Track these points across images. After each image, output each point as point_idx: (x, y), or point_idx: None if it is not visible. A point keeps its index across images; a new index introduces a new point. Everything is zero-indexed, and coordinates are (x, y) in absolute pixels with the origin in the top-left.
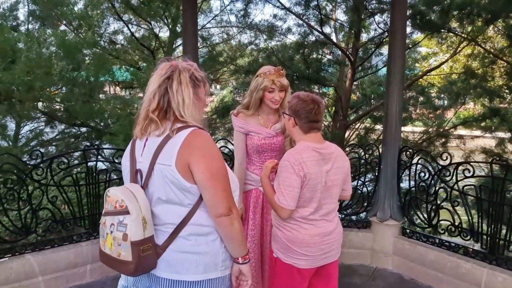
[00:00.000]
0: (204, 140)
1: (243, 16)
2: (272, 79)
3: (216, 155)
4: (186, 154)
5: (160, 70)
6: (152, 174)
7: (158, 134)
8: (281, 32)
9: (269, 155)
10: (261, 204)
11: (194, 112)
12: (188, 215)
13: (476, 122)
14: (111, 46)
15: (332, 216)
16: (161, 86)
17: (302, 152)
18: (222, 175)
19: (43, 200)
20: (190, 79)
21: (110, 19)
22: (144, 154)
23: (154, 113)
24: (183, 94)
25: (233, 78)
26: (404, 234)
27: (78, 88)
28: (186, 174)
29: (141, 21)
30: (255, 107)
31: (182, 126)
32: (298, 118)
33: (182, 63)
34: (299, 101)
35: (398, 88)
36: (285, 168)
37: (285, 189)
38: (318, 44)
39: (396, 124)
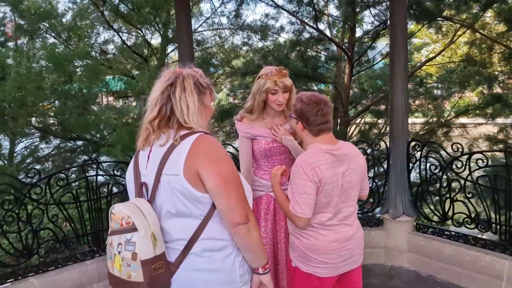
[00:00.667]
0: (211, 144)
1: (235, 17)
2: (275, 80)
3: (226, 159)
4: (194, 161)
5: (163, 77)
6: (158, 186)
7: (162, 143)
8: (274, 31)
9: (278, 158)
10: (273, 211)
11: (199, 119)
12: (199, 228)
13: (478, 109)
14: (103, 56)
15: (351, 220)
16: (164, 93)
17: (314, 156)
18: (234, 180)
19: (43, 219)
20: (195, 86)
21: (100, 29)
22: (148, 166)
23: (154, 122)
24: (187, 101)
25: (229, 80)
26: (418, 230)
27: (72, 100)
28: (196, 183)
29: (131, 28)
30: (259, 110)
31: (186, 133)
32: (305, 122)
33: (187, 69)
34: (303, 104)
35: (403, 80)
36: (298, 175)
37: (300, 197)
38: (313, 41)
39: (403, 116)
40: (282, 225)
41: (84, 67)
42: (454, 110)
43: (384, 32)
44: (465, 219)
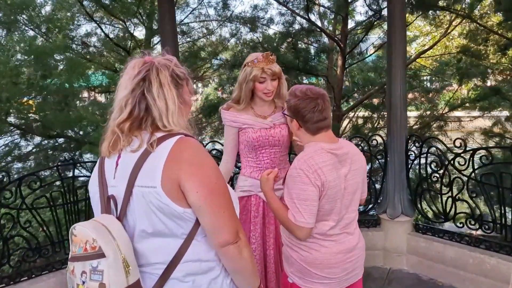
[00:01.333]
0: (194, 149)
1: (223, 8)
2: (262, 67)
3: (211, 166)
4: (174, 170)
5: (131, 69)
6: (130, 200)
7: (133, 149)
8: (264, 23)
9: (268, 151)
10: (262, 213)
11: (180, 119)
12: (181, 249)
13: (474, 102)
14: (85, 49)
15: (353, 228)
16: (135, 90)
17: (315, 156)
18: (222, 192)
19: (15, 225)
20: (172, 78)
21: (82, 21)
22: (117, 175)
23: (125, 125)
24: (166, 99)
25: (217, 74)
26: (417, 230)
27: (52, 96)
28: (176, 196)
29: (113, 19)
30: (246, 100)
31: (163, 136)
32: (301, 120)
33: (159, 58)
34: (297, 100)
35: (401, 71)
36: (299, 178)
37: (301, 204)
38: (304, 33)
39: (401, 110)
40: (272, 229)
41: (64, 60)
42: (450, 103)
43: (378, 23)
44: (468, 219)
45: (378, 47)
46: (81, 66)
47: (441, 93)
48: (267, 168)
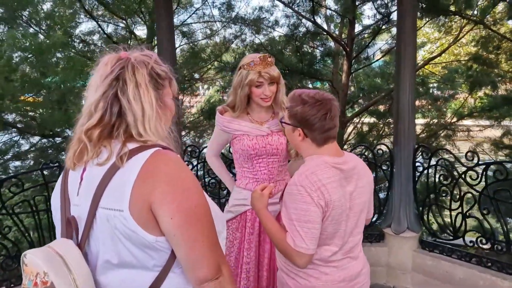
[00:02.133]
0: (172, 166)
1: (227, 9)
2: (259, 70)
3: (191, 186)
4: (145, 191)
5: (104, 66)
6: (94, 223)
7: (100, 162)
8: (268, 25)
9: (265, 161)
10: (258, 230)
11: (158, 127)
12: (155, 284)
13: (484, 111)
14: (86, 48)
15: (357, 252)
16: (107, 91)
17: (318, 172)
18: (202, 217)
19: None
20: (150, 78)
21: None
22: (81, 192)
23: (93, 132)
24: (142, 102)
25: (220, 76)
26: (424, 247)
27: (50, 94)
28: (147, 222)
29: (113, 17)
30: (241, 107)
31: (136, 148)
32: (309, 129)
33: (136, 53)
34: (304, 106)
35: (410, 78)
36: (299, 197)
37: (302, 226)
38: (309, 36)
39: (410, 119)
40: (267, 249)
41: (64, 58)
42: (458, 112)
43: (386, 27)
44: (479, 237)
45: (385, 52)
46: (80, 64)
47: (449, 101)
48: (264, 180)
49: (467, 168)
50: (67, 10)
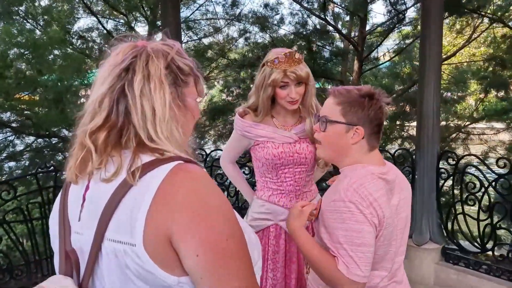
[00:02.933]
0: (196, 186)
1: (231, 6)
2: (284, 69)
3: (222, 213)
4: (163, 219)
5: (115, 56)
6: (99, 258)
7: (107, 177)
8: (274, 22)
9: (291, 171)
10: (283, 249)
11: (174, 131)
12: None
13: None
14: (84, 45)
15: (401, 275)
16: (114, 85)
17: (366, 184)
18: (237, 252)
19: None
20: (169, 71)
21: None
22: (83, 216)
23: (99, 136)
24: (153, 99)
25: (223, 75)
26: (448, 260)
27: (47, 93)
28: (167, 259)
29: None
30: (265, 110)
31: (152, 162)
32: (369, 127)
33: (155, 43)
34: (366, 97)
35: (435, 79)
36: (350, 215)
37: (355, 250)
38: (318, 34)
39: (434, 124)
40: (294, 269)
41: (61, 55)
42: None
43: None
44: (511, 252)
45: (398, 52)
46: (78, 62)
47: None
48: (289, 191)
49: (498, 176)
50: (65, 5)
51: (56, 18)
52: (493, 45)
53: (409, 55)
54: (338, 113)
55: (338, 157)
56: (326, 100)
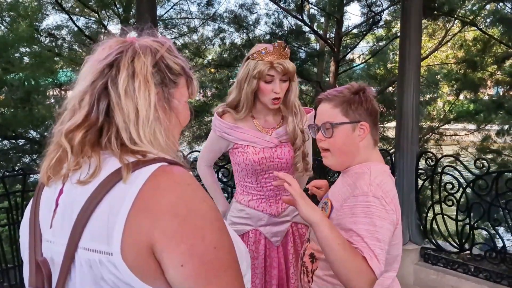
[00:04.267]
0: (181, 190)
1: (207, 5)
2: (271, 61)
3: (209, 220)
4: (144, 227)
5: (101, 51)
6: (71, 270)
7: (83, 179)
8: (250, 23)
9: (272, 176)
10: (263, 254)
11: (158, 135)
12: None
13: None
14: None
15: None
16: (96, 81)
17: (386, 180)
18: (225, 263)
19: None
20: (157, 70)
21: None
22: (55, 223)
23: (76, 135)
24: (137, 99)
25: (198, 75)
26: (427, 260)
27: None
28: (147, 271)
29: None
30: (247, 106)
31: (136, 162)
32: (371, 120)
33: (145, 39)
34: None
35: (415, 79)
36: (375, 209)
37: (375, 246)
38: (294, 34)
39: (413, 124)
40: (274, 275)
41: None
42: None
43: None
44: (488, 251)
45: (373, 53)
46: (48, 61)
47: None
48: (270, 197)
49: (476, 176)
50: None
51: (23, 15)
52: (464, 48)
53: (383, 56)
54: (339, 115)
55: (349, 160)
56: (320, 107)
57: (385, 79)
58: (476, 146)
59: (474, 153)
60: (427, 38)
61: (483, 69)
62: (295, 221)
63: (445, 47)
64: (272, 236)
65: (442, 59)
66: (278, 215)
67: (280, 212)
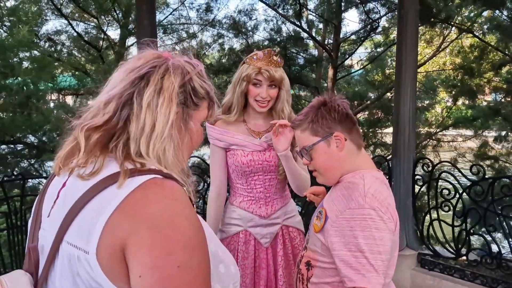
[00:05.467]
0: (165, 205)
1: (206, 11)
2: (259, 66)
3: (183, 238)
4: (121, 232)
5: (136, 60)
6: (55, 260)
7: (84, 174)
8: (249, 29)
9: (262, 178)
10: (253, 254)
11: (168, 151)
12: None
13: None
14: (53, 47)
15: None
16: (126, 89)
17: (380, 189)
18: (188, 282)
19: None
20: (182, 90)
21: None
22: (52, 213)
23: (94, 134)
24: (157, 114)
25: None
26: (423, 266)
27: (12, 97)
28: (117, 273)
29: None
30: (238, 108)
31: (132, 170)
32: (343, 128)
33: (179, 58)
34: (322, 107)
35: (411, 86)
36: (372, 222)
37: (376, 258)
38: (292, 41)
39: (410, 130)
40: (263, 275)
41: (30, 58)
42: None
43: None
44: (484, 257)
45: (371, 59)
46: (48, 66)
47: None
48: (260, 198)
49: (472, 182)
50: (33, 6)
51: (23, 20)
52: (462, 54)
53: (381, 62)
54: (310, 137)
55: (336, 173)
56: (295, 135)
57: (383, 85)
58: (474, 152)
59: (472, 159)
60: (425, 45)
61: (480, 76)
62: (286, 224)
63: (443, 53)
64: (261, 238)
65: (440, 65)
66: (268, 217)
67: (269, 214)
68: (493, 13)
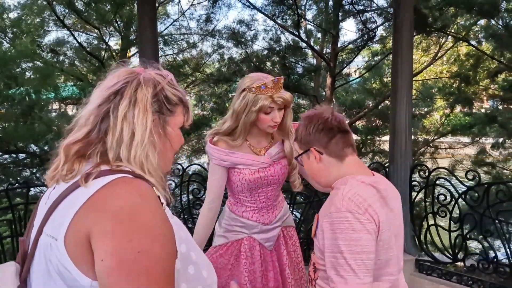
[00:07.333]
0: (129, 200)
1: (206, 22)
2: (271, 95)
3: (145, 229)
4: (88, 219)
5: (110, 78)
6: (36, 251)
7: (67, 177)
8: (248, 38)
9: (265, 190)
10: (259, 258)
11: (150, 156)
12: None
13: (465, 129)
14: (55, 58)
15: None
16: (103, 105)
17: (360, 191)
18: (148, 267)
19: None
20: (155, 100)
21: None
22: (39, 212)
23: (73, 148)
24: (135, 124)
25: (197, 89)
26: (421, 271)
27: (15, 107)
28: (83, 260)
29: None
30: (244, 134)
31: (106, 171)
32: (319, 142)
33: (150, 71)
34: (305, 122)
35: (407, 95)
36: (348, 225)
37: (355, 258)
38: (291, 50)
39: (406, 137)
40: (271, 277)
41: (32, 69)
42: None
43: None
44: (481, 261)
45: (368, 68)
46: (50, 76)
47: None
48: (262, 207)
49: (468, 188)
50: (35, 18)
51: (26, 31)
52: (458, 62)
53: (379, 71)
54: (298, 149)
55: (322, 180)
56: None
57: (381, 93)
58: (471, 159)
59: (470, 166)
60: (422, 53)
61: (477, 84)
62: (284, 225)
63: (439, 62)
64: (265, 242)
65: (437, 73)
66: (270, 223)
67: (271, 220)
68: (489, 22)
